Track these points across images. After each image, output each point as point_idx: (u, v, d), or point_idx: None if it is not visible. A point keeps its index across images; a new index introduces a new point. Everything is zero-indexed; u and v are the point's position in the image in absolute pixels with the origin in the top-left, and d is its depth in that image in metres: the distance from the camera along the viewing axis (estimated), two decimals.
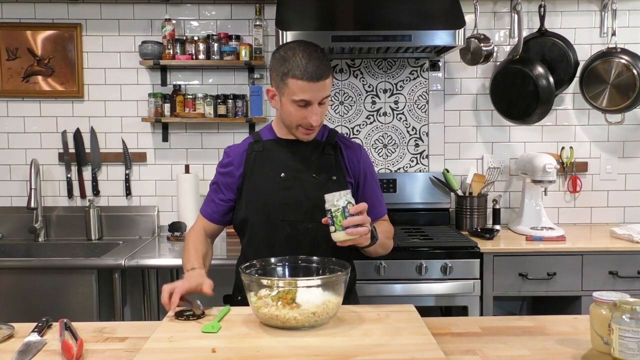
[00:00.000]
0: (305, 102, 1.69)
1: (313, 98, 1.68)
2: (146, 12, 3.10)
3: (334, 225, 1.58)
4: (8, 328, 1.52)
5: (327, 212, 1.59)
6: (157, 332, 1.43)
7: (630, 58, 2.97)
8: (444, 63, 3.17)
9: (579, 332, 1.49)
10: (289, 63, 1.67)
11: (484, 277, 2.60)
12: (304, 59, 1.66)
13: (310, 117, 1.70)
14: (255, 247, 1.81)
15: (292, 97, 1.68)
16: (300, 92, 1.67)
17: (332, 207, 1.58)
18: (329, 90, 1.72)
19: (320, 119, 1.74)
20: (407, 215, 3.09)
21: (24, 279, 2.57)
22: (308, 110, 1.70)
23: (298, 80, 1.66)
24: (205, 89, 3.12)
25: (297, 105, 1.70)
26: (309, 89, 1.66)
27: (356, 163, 1.87)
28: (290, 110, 1.72)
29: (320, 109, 1.72)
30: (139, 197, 3.18)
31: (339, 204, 1.57)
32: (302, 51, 1.68)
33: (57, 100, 3.13)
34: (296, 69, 1.66)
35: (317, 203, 1.67)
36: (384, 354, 1.27)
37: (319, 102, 1.70)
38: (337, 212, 1.57)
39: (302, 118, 1.72)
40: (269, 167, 1.81)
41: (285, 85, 1.69)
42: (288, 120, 1.76)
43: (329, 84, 1.71)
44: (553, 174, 2.81)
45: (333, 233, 1.59)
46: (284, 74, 1.68)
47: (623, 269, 2.61)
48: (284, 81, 1.69)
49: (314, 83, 1.66)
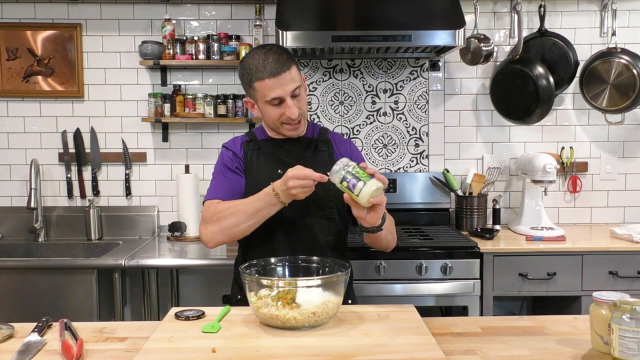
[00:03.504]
0: (279, 99, 1.71)
1: (283, 93, 1.70)
2: (146, 12, 3.10)
3: (360, 180, 1.51)
4: (8, 328, 1.51)
5: (343, 180, 1.53)
6: (157, 332, 1.43)
7: (630, 58, 2.97)
8: (444, 63, 3.17)
9: (579, 332, 1.49)
10: (250, 69, 1.72)
11: (484, 277, 2.60)
12: (261, 59, 1.70)
13: (288, 110, 1.72)
14: (253, 243, 1.81)
15: (264, 98, 1.72)
16: (268, 90, 1.70)
17: (348, 167, 1.53)
18: (298, 81, 1.73)
19: (300, 111, 1.75)
20: (407, 215, 3.09)
21: (24, 279, 2.57)
22: (284, 106, 1.73)
23: (262, 80, 1.69)
24: (205, 89, 3.12)
25: (272, 105, 1.73)
26: (275, 85, 1.69)
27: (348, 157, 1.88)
28: (269, 112, 1.75)
29: (296, 102, 1.73)
30: (139, 197, 3.18)
31: (352, 163, 1.55)
32: (257, 53, 1.72)
33: (57, 100, 3.13)
34: (257, 71, 1.70)
35: (315, 199, 1.69)
36: (384, 354, 1.27)
37: (292, 95, 1.72)
38: (357, 168, 1.54)
39: (281, 115, 1.74)
40: (265, 165, 1.83)
41: (255, 91, 1.73)
42: (271, 122, 1.79)
43: (295, 75, 1.72)
44: (553, 174, 2.81)
45: (363, 190, 1.51)
46: (250, 80, 1.72)
47: (623, 269, 2.61)
48: (252, 87, 1.73)
49: (277, 78, 1.68)
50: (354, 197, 1.55)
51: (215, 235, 1.72)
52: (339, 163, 1.56)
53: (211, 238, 1.73)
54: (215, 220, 1.71)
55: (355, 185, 1.53)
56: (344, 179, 1.54)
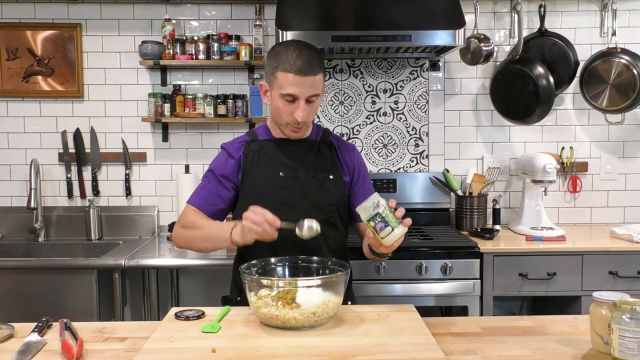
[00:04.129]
0: (293, 97, 1.70)
1: (300, 93, 1.69)
2: (146, 12, 3.10)
3: (388, 225, 1.51)
4: (8, 328, 1.51)
5: (372, 219, 1.51)
6: (157, 332, 1.43)
7: (630, 58, 2.97)
8: (444, 63, 3.17)
9: (579, 332, 1.49)
10: (280, 57, 1.70)
11: (484, 277, 2.60)
12: (295, 53, 1.69)
13: (296, 112, 1.70)
14: (254, 247, 1.80)
15: (280, 90, 1.70)
16: (288, 85, 1.68)
17: (378, 208, 1.50)
18: (319, 89, 1.72)
19: (308, 117, 1.74)
20: (407, 215, 3.06)
21: (24, 279, 2.57)
22: (294, 106, 1.71)
23: (286, 72, 1.68)
24: (205, 89, 3.12)
25: (284, 100, 1.71)
26: (297, 82, 1.67)
27: (349, 162, 1.89)
28: (279, 105, 1.73)
29: (308, 107, 1.72)
30: (139, 197, 3.18)
31: (383, 203, 1.52)
32: (294, 47, 1.71)
33: (57, 100, 3.13)
34: (286, 62, 1.68)
35: (316, 202, 1.68)
36: (384, 354, 1.27)
37: (307, 99, 1.71)
38: (387, 211, 1.51)
39: (288, 114, 1.73)
40: (267, 167, 1.81)
41: (275, 79, 1.71)
42: (277, 116, 1.77)
43: (319, 82, 1.71)
44: (553, 174, 2.81)
45: (389, 235, 1.51)
46: (275, 67, 1.70)
47: (623, 269, 2.61)
48: (274, 74, 1.71)
49: (302, 77, 1.67)
50: (377, 238, 1.54)
51: (179, 240, 1.82)
52: (370, 200, 1.52)
53: (177, 240, 1.82)
54: (183, 227, 1.79)
55: (382, 229, 1.52)
56: (373, 219, 1.52)
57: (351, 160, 1.90)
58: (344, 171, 1.87)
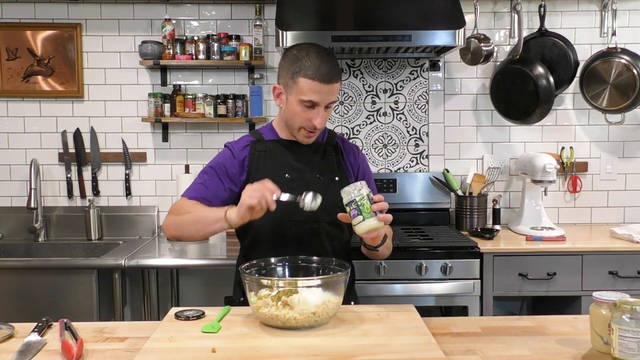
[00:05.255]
0: (313, 103, 1.69)
1: (321, 100, 1.69)
2: (146, 12, 3.10)
3: (360, 214, 1.53)
4: (8, 328, 1.51)
5: (348, 204, 1.55)
6: (157, 332, 1.43)
7: (630, 58, 2.97)
8: (444, 63, 3.17)
9: (579, 332, 1.49)
10: (302, 62, 1.68)
11: (484, 277, 2.60)
12: (317, 60, 1.67)
13: (315, 119, 1.71)
14: (260, 247, 1.80)
15: (301, 96, 1.69)
16: (310, 92, 1.68)
17: (356, 196, 1.53)
18: (336, 96, 1.74)
19: (324, 123, 1.75)
20: (407, 215, 3.09)
21: (24, 279, 2.57)
22: (314, 112, 1.71)
23: (309, 80, 1.67)
24: (205, 89, 3.12)
25: (303, 106, 1.70)
26: (319, 90, 1.67)
27: (354, 163, 1.90)
28: (296, 110, 1.72)
29: (325, 113, 1.73)
30: (139, 197, 3.18)
31: (363, 192, 1.54)
32: (315, 52, 1.70)
33: (57, 100, 3.13)
34: (309, 69, 1.67)
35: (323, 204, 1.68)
36: (384, 354, 1.27)
37: (326, 106, 1.71)
38: (364, 200, 1.53)
39: (306, 120, 1.72)
40: (273, 168, 1.80)
41: (295, 84, 1.69)
42: (291, 120, 1.76)
43: (337, 89, 1.72)
44: (553, 174, 2.81)
45: (360, 224, 1.54)
46: (295, 72, 1.68)
47: (623, 269, 2.61)
48: (294, 80, 1.69)
49: (324, 85, 1.67)
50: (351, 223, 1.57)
51: (169, 228, 1.73)
52: (352, 186, 1.55)
53: (167, 228, 1.74)
54: (176, 213, 1.74)
55: (355, 217, 1.55)
56: (350, 204, 1.55)
57: (355, 161, 1.91)
58: (349, 173, 1.88)
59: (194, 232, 1.70)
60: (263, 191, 1.52)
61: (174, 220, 1.73)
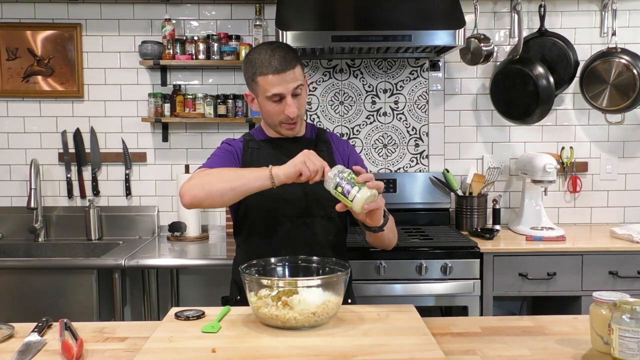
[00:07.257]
0: (279, 96, 1.72)
1: (284, 90, 1.71)
2: (146, 12, 3.10)
3: (352, 189, 1.52)
4: (8, 328, 1.51)
5: (336, 188, 1.54)
6: (157, 332, 1.43)
7: (630, 58, 2.97)
8: (444, 63, 3.17)
9: (579, 332, 1.49)
10: (255, 63, 1.72)
11: (484, 277, 2.60)
12: (267, 55, 1.70)
13: (287, 109, 1.72)
14: (254, 242, 1.82)
15: (265, 94, 1.72)
16: (271, 86, 1.70)
17: (340, 177, 1.54)
18: (301, 80, 1.74)
19: (299, 111, 1.75)
20: (407, 215, 3.09)
21: (24, 279, 2.57)
22: (283, 104, 1.73)
23: (264, 76, 1.70)
24: (205, 89, 3.12)
25: (272, 102, 1.73)
26: (278, 82, 1.69)
27: (342, 152, 1.92)
28: (269, 108, 1.75)
29: (296, 101, 1.74)
30: (139, 197, 3.18)
31: (345, 172, 1.55)
32: (265, 49, 1.73)
33: (57, 100, 3.13)
34: (262, 66, 1.70)
35: (316, 198, 1.70)
36: (384, 354, 1.27)
37: (293, 94, 1.72)
38: (350, 175, 1.54)
39: (280, 113, 1.74)
40: (265, 164, 1.81)
41: (257, 85, 1.73)
42: (270, 119, 1.79)
43: (298, 74, 1.73)
44: (553, 174, 2.81)
45: (355, 198, 1.53)
46: (253, 74, 1.73)
47: (623, 269, 2.61)
48: (255, 81, 1.73)
49: (280, 75, 1.69)
50: (347, 204, 1.56)
51: (193, 188, 1.63)
52: (334, 170, 1.56)
53: (188, 190, 1.64)
54: (202, 175, 1.67)
55: (349, 192, 1.54)
56: (338, 185, 1.54)
57: (347, 155, 1.92)
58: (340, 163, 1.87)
59: (228, 189, 1.61)
60: (319, 166, 1.55)
61: (200, 181, 1.64)
